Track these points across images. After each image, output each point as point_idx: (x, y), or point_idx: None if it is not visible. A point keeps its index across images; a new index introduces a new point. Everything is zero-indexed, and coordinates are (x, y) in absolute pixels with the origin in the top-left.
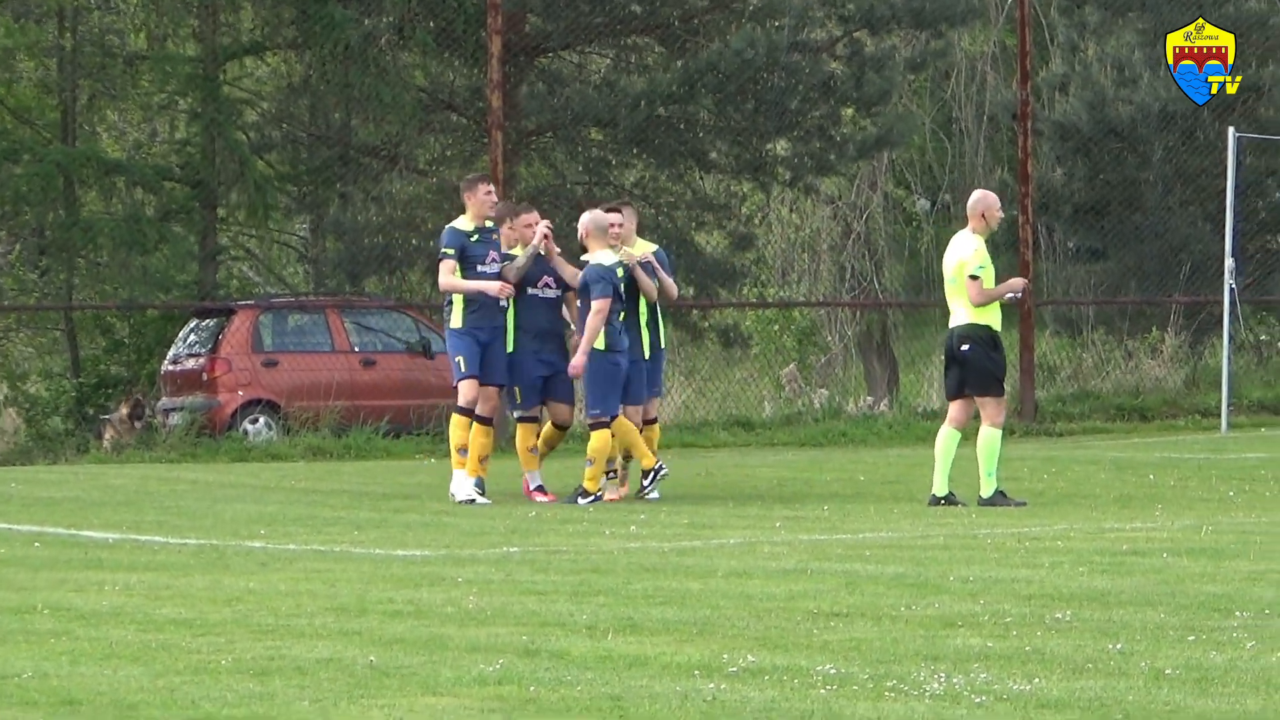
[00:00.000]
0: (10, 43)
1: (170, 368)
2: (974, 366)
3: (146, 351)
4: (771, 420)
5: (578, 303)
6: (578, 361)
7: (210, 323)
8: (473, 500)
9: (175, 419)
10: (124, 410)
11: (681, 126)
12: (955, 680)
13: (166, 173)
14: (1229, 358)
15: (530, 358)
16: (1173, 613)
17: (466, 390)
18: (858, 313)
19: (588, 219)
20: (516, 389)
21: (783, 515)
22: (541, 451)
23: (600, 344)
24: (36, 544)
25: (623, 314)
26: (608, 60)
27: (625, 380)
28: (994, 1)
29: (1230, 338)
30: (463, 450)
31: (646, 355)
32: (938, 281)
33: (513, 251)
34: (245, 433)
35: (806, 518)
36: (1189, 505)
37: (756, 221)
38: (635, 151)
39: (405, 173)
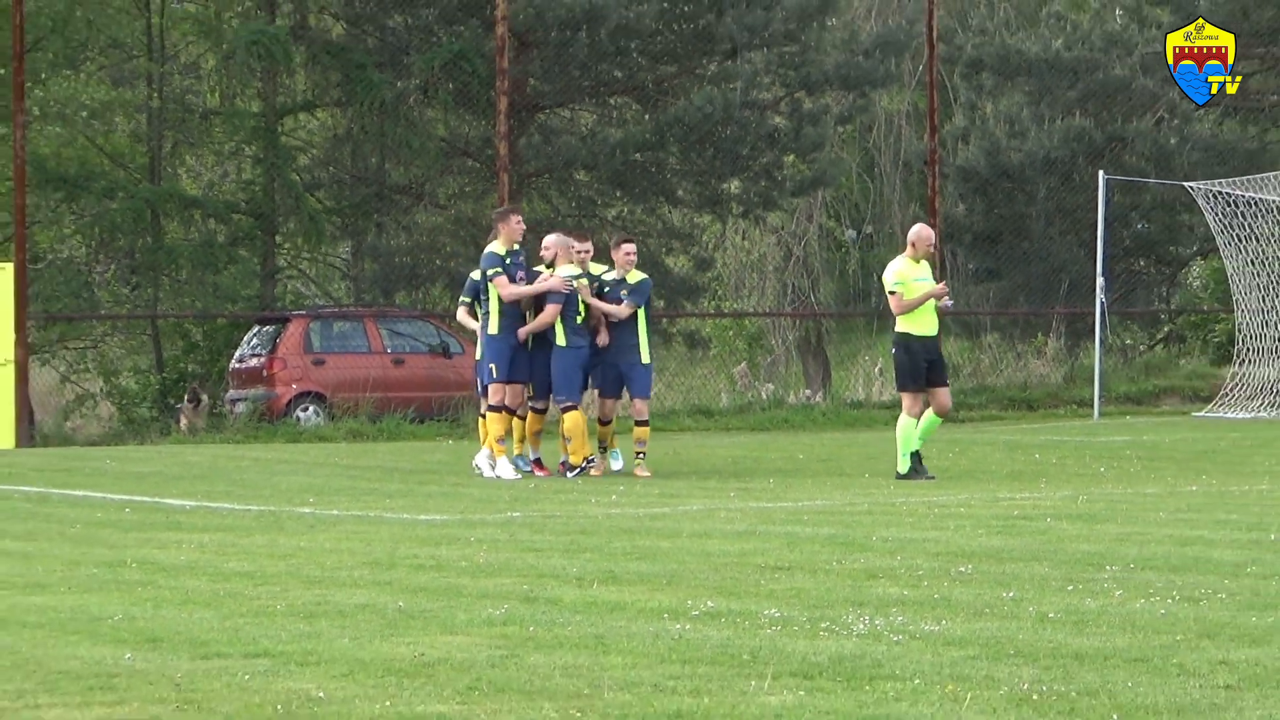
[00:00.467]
0: (109, 101)
1: (237, 365)
2: (896, 366)
3: (217, 352)
4: (727, 409)
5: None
6: (522, 331)
7: (270, 329)
8: (517, 477)
9: (240, 407)
10: (186, 397)
11: (653, 169)
12: (877, 622)
13: (234, 206)
14: (1100, 359)
15: (542, 358)
16: (1055, 567)
17: (497, 392)
18: (797, 321)
19: (554, 239)
20: (530, 384)
21: (736, 487)
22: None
23: (561, 340)
24: (126, 510)
25: (578, 317)
26: (593, 115)
27: (628, 379)
28: (908, 68)
29: (1101, 342)
30: (501, 440)
31: (644, 361)
32: (863, 296)
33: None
34: (298, 419)
35: (755, 489)
36: (1068, 479)
37: (714, 247)
38: (616, 191)
39: (429, 207)
